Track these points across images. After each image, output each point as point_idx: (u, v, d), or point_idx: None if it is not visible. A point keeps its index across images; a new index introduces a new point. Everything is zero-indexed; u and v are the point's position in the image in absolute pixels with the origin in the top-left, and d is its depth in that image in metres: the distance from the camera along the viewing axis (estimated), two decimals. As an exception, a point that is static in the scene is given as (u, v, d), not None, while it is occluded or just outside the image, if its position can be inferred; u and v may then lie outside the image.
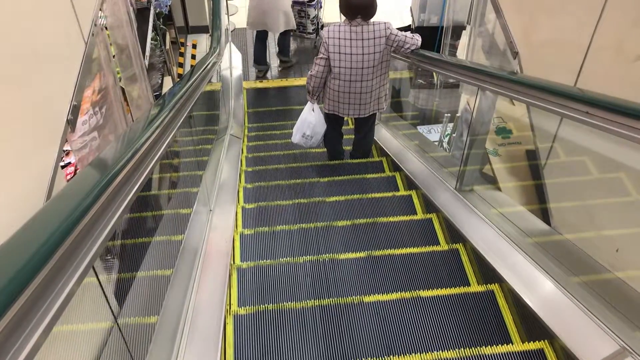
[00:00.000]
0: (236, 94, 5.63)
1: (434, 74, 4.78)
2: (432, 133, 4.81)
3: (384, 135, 4.52)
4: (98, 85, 3.72)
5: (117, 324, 1.36)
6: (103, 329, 1.34)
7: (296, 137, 3.74)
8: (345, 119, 3.83)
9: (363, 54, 3.24)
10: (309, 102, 3.65)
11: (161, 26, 5.81)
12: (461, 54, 4.94)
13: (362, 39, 3.22)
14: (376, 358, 2.06)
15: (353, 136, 4.11)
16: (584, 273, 2.03)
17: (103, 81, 3.78)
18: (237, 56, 6.46)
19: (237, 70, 6.22)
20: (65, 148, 3.53)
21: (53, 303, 0.87)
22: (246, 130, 5.20)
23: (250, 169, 4.07)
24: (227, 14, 6.56)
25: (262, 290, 2.48)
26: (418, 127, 4.83)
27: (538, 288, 2.07)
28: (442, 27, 4.74)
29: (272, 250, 2.84)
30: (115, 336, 1.36)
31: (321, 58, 3.34)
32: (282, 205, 3.31)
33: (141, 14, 5.40)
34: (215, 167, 3.38)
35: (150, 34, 5.12)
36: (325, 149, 4.17)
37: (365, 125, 3.80)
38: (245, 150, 4.60)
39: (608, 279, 1.93)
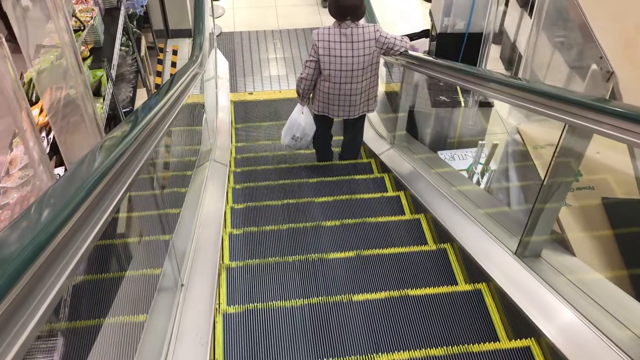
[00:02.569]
0: (222, 109, 4.81)
1: (459, 90, 4.01)
2: (456, 160, 4.04)
3: (399, 163, 3.75)
4: (48, 102, 2.92)
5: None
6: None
7: (286, 139, 3.72)
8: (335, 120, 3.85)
9: (352, 57, 3.26)
10: (298, 104, 3.64)
11: (134, 29, 4.99)
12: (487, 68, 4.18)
13: (352, 42, 3.23)
14: (365, 355, 2.06)
15: (342, 137, 4.10)
16: None
17: (55, 97, 2.98)
18: (223, 64, 5.65)
19: (224, 81, 5.41)
20: (1, 185, 2.83)
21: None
22: (233, 155, 4.39)
23: (239, 170, 3.97)
24: (213, 15, 5.75)
25: (252, 290, 2.48)
26: (439, 152, 4.07)
27: None
28: (468, 34, 3.97)
29: (261, 249, 2.84)
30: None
31: (311, 61, 3.35)
32: (271, 206, 3.30)
33: (110, 15, 4.59)
34: (191, 218, 2.57)
35: (119, 39, 4.30)
36: (314, 151, 4.11)
37: (354, 127, 3.80)
38: (234, 151, 4.30)
39: None
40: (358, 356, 2.05)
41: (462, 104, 3.96)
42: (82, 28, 3.88)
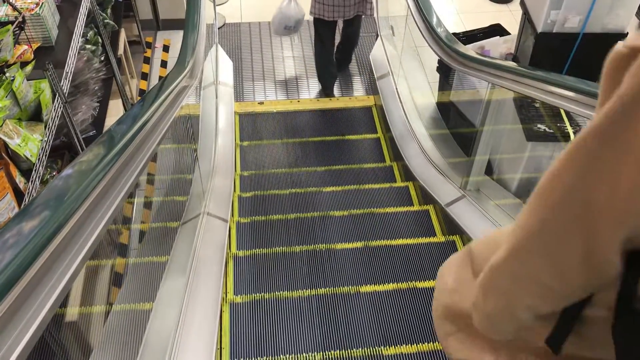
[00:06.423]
0: (222, 133, 3.58)
1: (564, 117, 2.78)
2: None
3: (480, 223, 2.58)
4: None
5: None
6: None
7: (279, 31, 3.95)
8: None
9: None
10: None
11: (107, 20, 3.74)
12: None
13: None
14: (372, 348, 2.05)
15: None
16: None
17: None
18: (226, 66, 4.40)
19: (227, 89, 4.17)
20: None
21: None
22: (237, 192, 3.20)
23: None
24: (214, 2, 4.51)
25: (259, 279, 2.46)
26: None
27: None
28: (583, 34, 2.72)
29: (268, 239, 2.79)
30: None
31: None
32: (279, 195, 3.24)
33: (70, 2, 3.36)
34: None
35: (78, 35, 3.07)
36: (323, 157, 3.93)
37: (350, 27, 4.02)
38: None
39: None
40: (365, 349, 2.05)
41: (572, 136, 2.72)
42: (14, 20, 2.65)
